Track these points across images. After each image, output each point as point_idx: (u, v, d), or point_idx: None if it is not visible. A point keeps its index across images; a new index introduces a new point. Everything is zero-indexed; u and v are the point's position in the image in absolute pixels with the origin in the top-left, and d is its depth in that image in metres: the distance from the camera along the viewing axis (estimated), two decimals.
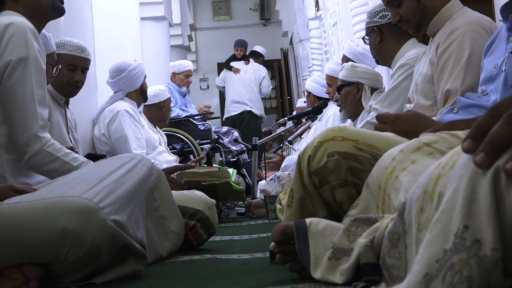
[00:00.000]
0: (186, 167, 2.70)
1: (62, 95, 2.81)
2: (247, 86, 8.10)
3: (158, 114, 4.04)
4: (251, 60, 8.36)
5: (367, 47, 2.82)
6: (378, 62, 2.77)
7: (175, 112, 5.39)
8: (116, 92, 3.62)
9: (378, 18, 2.59)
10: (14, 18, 1.86)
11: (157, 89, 4.25)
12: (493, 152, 0.61)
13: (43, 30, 2.52)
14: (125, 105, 3.48)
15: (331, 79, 3.66)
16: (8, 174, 1.81)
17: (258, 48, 8.64)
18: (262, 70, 8.36)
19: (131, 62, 3.61)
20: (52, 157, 1.88)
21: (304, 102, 5.53)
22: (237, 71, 8.25)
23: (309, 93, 4.46)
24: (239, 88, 8.05)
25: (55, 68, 2.52)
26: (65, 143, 2.64)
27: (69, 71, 2.80)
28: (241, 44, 8.44)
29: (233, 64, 8.32)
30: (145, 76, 3.70)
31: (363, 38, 2.73)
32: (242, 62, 8.33)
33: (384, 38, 2.59)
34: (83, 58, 2.86)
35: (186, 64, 5.89)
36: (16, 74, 1.82)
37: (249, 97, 8.06)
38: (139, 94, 3.64)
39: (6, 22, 1.83)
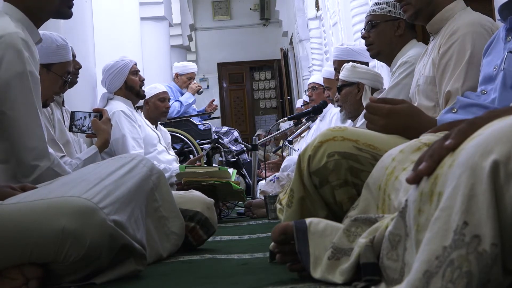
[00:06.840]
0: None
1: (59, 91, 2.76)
2: None
3: (146, 112, 3.98)
4: None
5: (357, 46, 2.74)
6: (377, 55, 2.60)
7: (174, 108, 5.38)
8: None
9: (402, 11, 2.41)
10: (2, 28, 1.75)
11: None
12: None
13: (60, 38, 2.46)
14: (121, 106, 3.42)
15: (329, 82, 3.65)
16: (2, 183, 1.78)
17: None
18: None
19: (111, 62, 3.44)
20: (58, 176, 1.81)
21: (302, 105, 5.53)
22: None
23: (315, 87, 4.44)
24: None
25: (64, 80, 2.44)
26: (66, 141, 2.63)
27: None
28: None
29: None
30: (135, 71, 3.47)
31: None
32: None
33: (403, 34, 2.50)
34: None
35: (190, 66, 5.84)
36: (15, 91, 1.74)
37: None
38: (127, 92, 3.48)
39: None
